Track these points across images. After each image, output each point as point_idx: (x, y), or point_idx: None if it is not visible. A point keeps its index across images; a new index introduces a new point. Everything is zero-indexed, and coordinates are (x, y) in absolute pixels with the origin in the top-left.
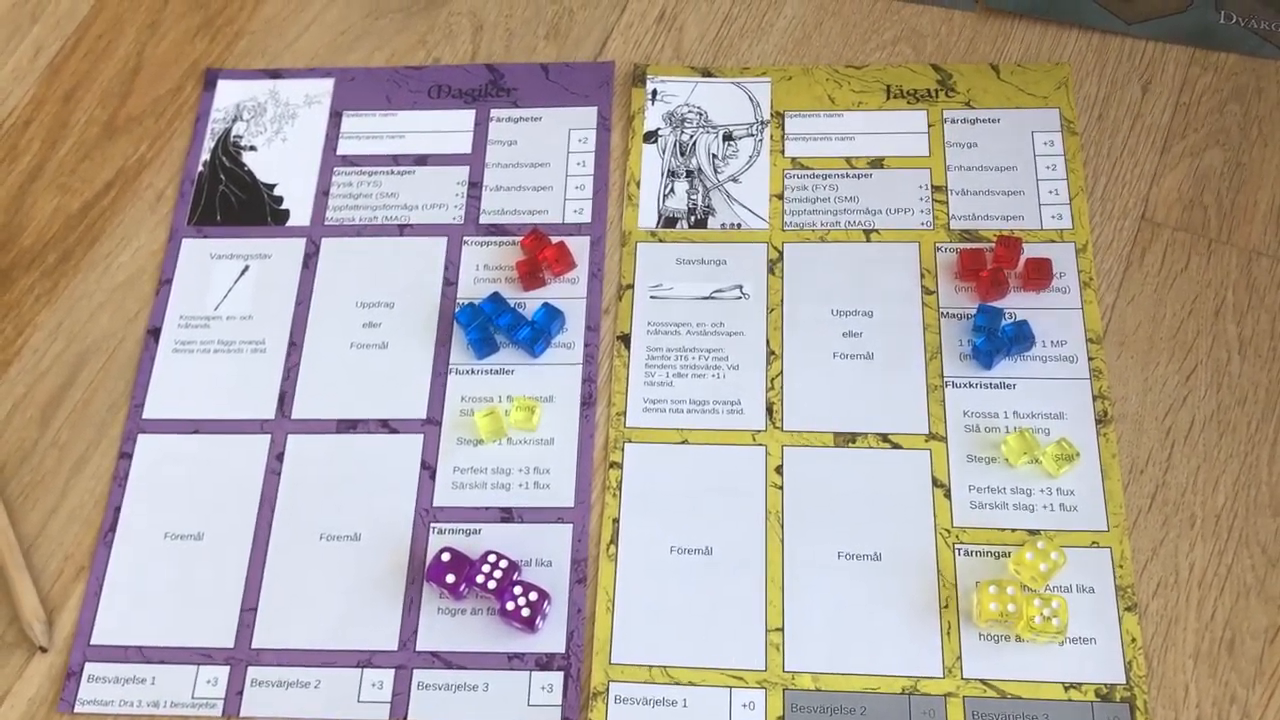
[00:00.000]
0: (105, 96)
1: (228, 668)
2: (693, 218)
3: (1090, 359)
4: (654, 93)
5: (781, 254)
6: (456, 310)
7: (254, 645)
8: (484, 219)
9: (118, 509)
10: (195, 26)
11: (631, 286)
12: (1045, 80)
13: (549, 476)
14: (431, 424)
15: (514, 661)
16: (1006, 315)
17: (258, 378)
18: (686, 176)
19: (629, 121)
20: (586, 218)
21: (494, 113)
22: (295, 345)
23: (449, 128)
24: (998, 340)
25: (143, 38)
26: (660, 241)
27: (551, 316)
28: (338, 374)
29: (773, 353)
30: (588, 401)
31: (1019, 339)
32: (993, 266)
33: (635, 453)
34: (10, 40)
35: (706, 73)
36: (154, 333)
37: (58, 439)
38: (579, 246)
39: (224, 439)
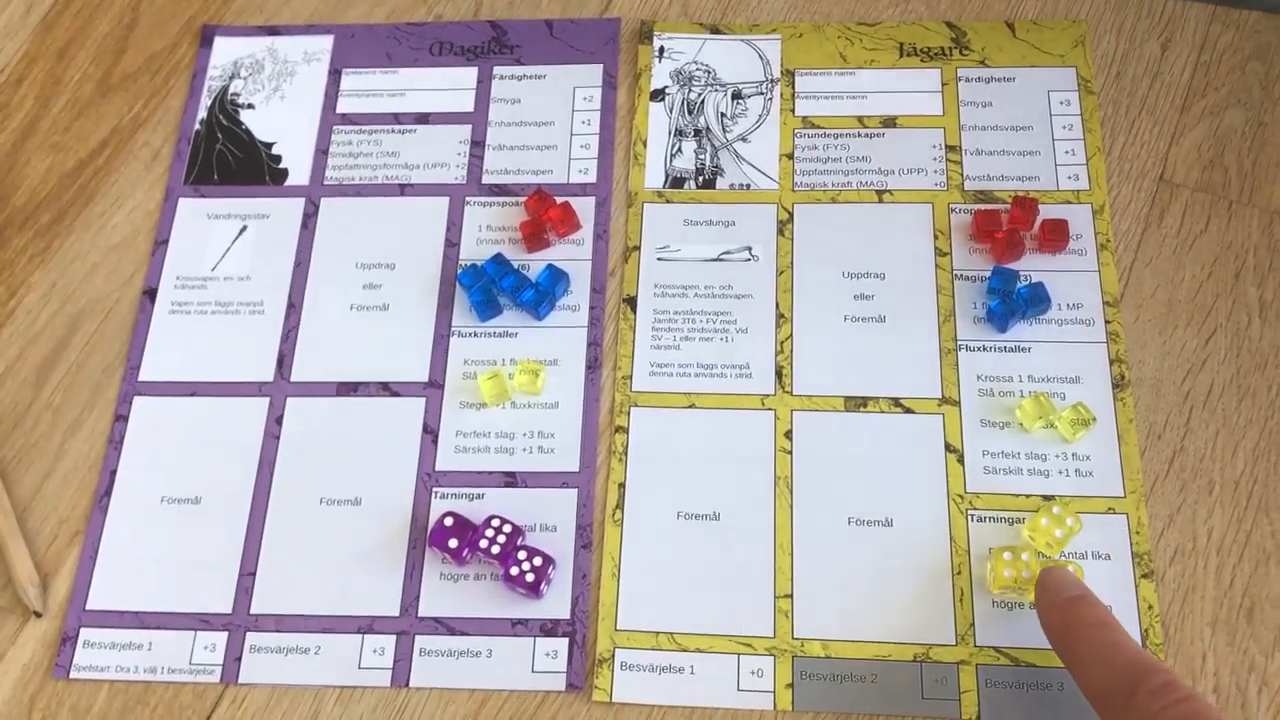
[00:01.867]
0: (99, 53)
1: (226, 633)
2: (700, 178)
3: (1107, 322)
4: (661, 50)
5: (792, 215)
6: (459, 272)
7: (253, 611)
8: (487, 179)
9: (113, 472)
10: None
11: (638, 248)
12: (1062, 38)
13: (553, 441)
14: (434, 387)
15: (518, 628)
16: (1022, 278)
17: (256, 340)
18: (694, 135)
19: (635, 79)
20: (592, 178)
21: (497, 70)
22: (294, 307)
23: (450, 85)
24: (1013, 303)
25: None
26: (667, 202)
27: (556, 278)
28: (338, 336)
29: (782, 315)
30: (593, 365)
31: (1034, 301)
32: (1008, 228)
33: (642, 417)
34: None
35: (715, 29)
36: (150, 294)
37: (52, 401)
38: (584, 207)
39: (221, 401)
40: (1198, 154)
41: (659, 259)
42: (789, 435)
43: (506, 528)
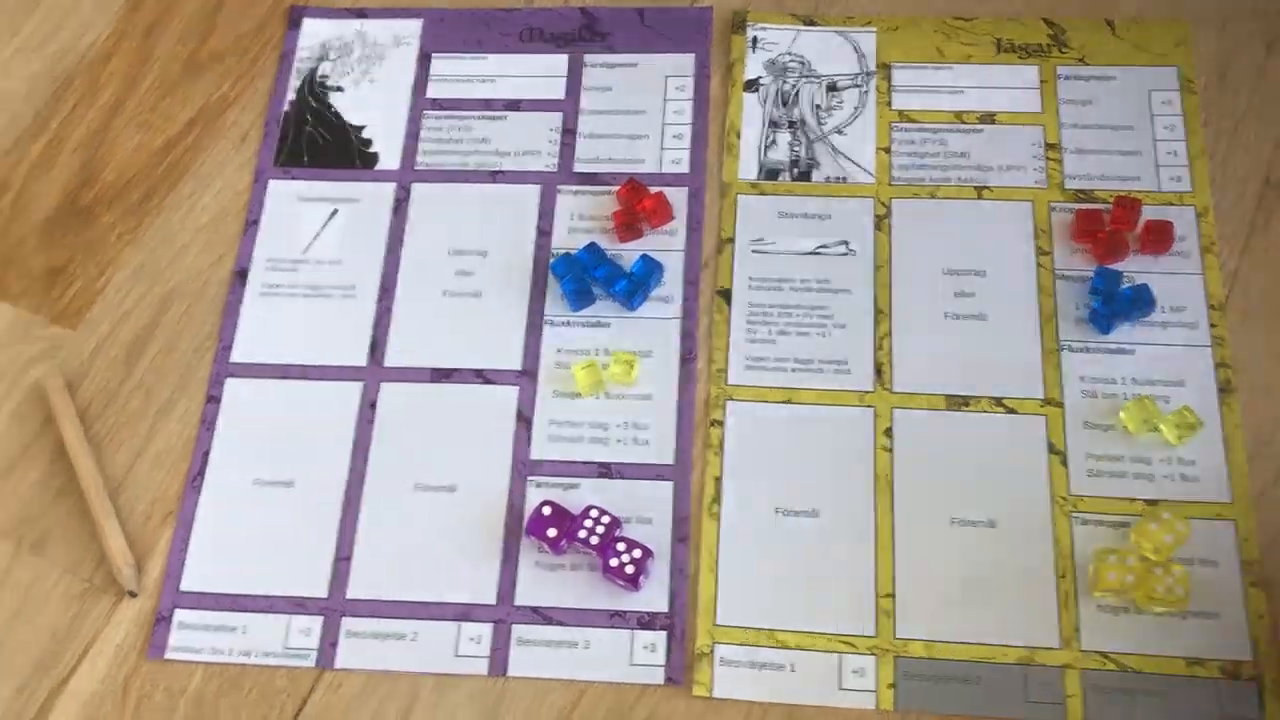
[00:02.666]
0: (186, 33)
1: (321, 618)
2: (795, 170)
3: (1212, 326)
4: (754, 40)
5: (889, 210)
6: (552, 260)
7: (348, 595)
8: (578, 167)
9: (206, 454)
10: None
11: (732, 240)
12: (1163, 37)
13: (648, 432)
14: (527, 375)
15: (615, 619)
16: (1124, 279)
17: (348, 324)
18: (789, 127)
19: (728, 69)
20: (684, 168)
21: (588, 58)
22: (386, 292)
23: (541, 73)
24: (1116, 304)
25: None
26: (762, 194)
27: (650, 269)
28: (431, 322)
29: (880, 311)
30: (687, 357)
31: (1138, 303)
32: (1111, 228)
33: (738, 411)
34: None
35: (809, 21)
36: (241, 275)
37: (144, 380)
38: (676, 198)
39: (314, 385)
40: None
41: (754, 252)
42: (889, 433)
43: (605, 518)
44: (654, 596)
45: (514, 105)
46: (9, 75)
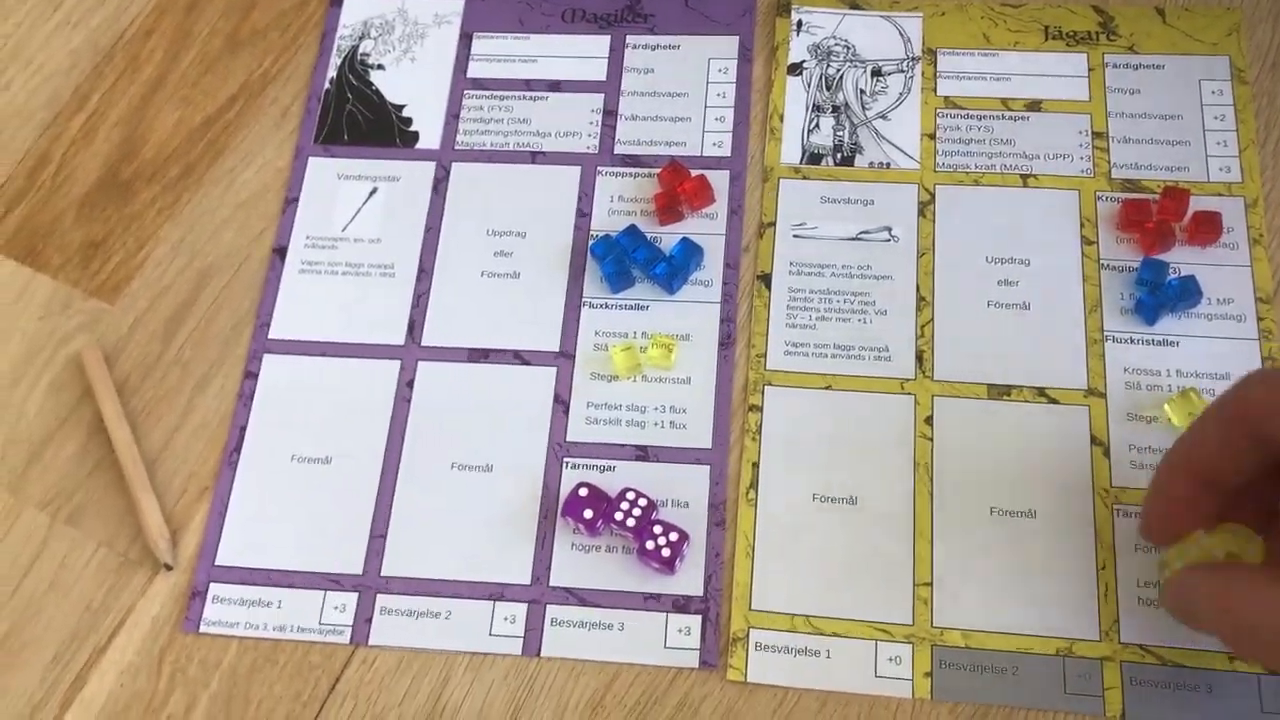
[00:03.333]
0: (228, 8)
1: (356, 594)
2: (839, 155)
3: (1260, 319)
4: (799, 23)
5: (933, 196)
6: (591, 243)
7: (383, 573)
8: (619, 149)
9: (243, 429)
10: None
11: (773, 224)
12: (1214, 26)
13: (685, 416)
14: (564, 357)
15: (649, 602)
16: (1171, 270)
17: (387, 303)
18: (832, 112)
19: (772, 52)
20: (726, 151)
21: (630, 39)
22: (425, 271)
23: (583, 53)
24: (1162, 295)
25: None
26: (804, 178)
27: (690, 253)
28: (469, 302)
29: (923, 299)
30: (726, 342)
31: (1184, 295)
32: (1158, 218)
33: (776, 396)
34: None
35: (854, 4)
36: (280, 252)
37: (181, 354)
38: (718, 181)
39: (352, 363)
40: None
41: (795, 236)
42: (930, 421)
43: (642, 501)
44: (689, 580)
45: (555, 86)
46: (50, 50)
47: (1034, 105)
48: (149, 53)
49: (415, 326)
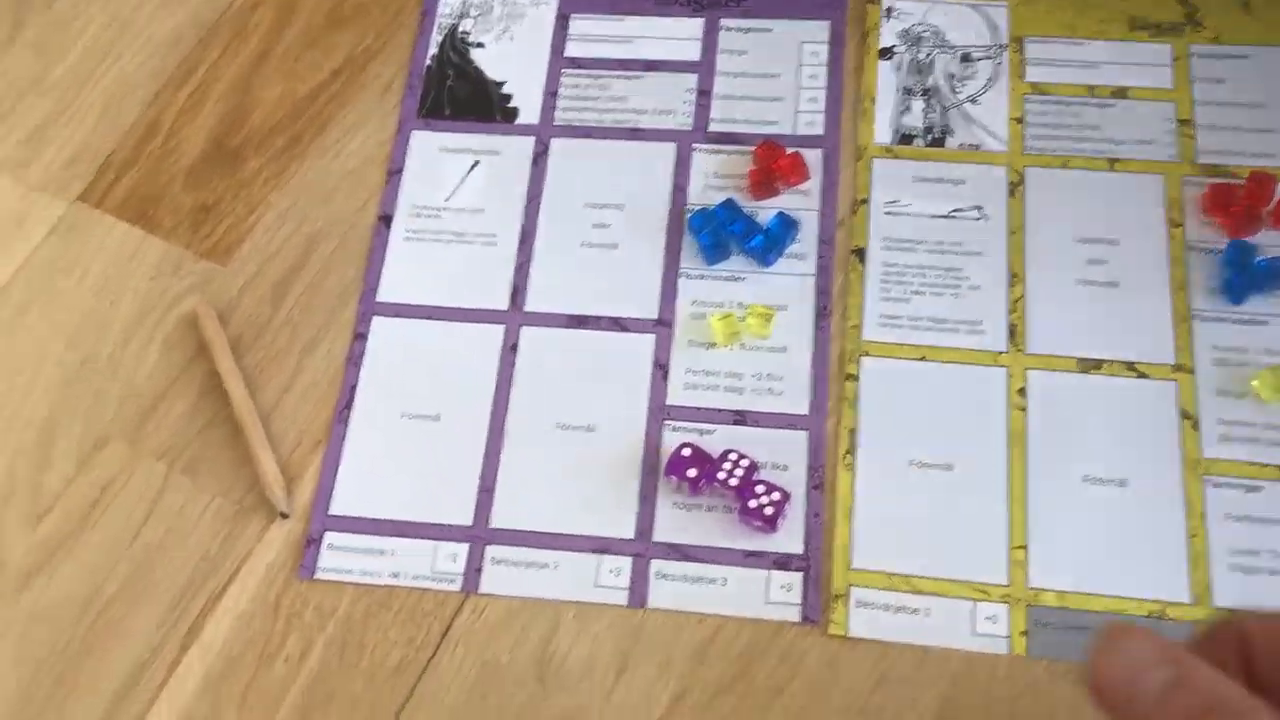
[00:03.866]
0: None
1: (467, 545)
2: (929, 136)
3: None
4: (889, 10)
5: (1022, 177)
6: (689, 215)
7: (492, 525)
8: (713, 127)
9: (353, 388)
10: None
11: (866, 201)
12: None
13: (782, 384)
14: (663, 325)
15: (750, 559)
16: (1258, 252)
17: (490, 270)
18: (923, 95)
19: (863, 37)
20: (819, 130)
21: (724, 22)
22: (526, 241)
23: (677, 35)
24: (1250, 275)
25: None
26: (896, 158)
27: (786, 226)
28: (569, 271)
29: (1015, 275)
30: (822, 313)
31: (1273, 275)
32: (1244, 203)
33: (872, 366)
34: None
35: None
36: (385, 220)
37: (292, 315)
38: (811, 159)
39: (458, 326)
40: None
41: (887, 213)
42: (1023, 393)
43: (744, 462)
44: (790, 539)
45: (650, 66)
46: (157, 22)
47: (1120, 93)
48: (253, 27)
49: (518, 293)
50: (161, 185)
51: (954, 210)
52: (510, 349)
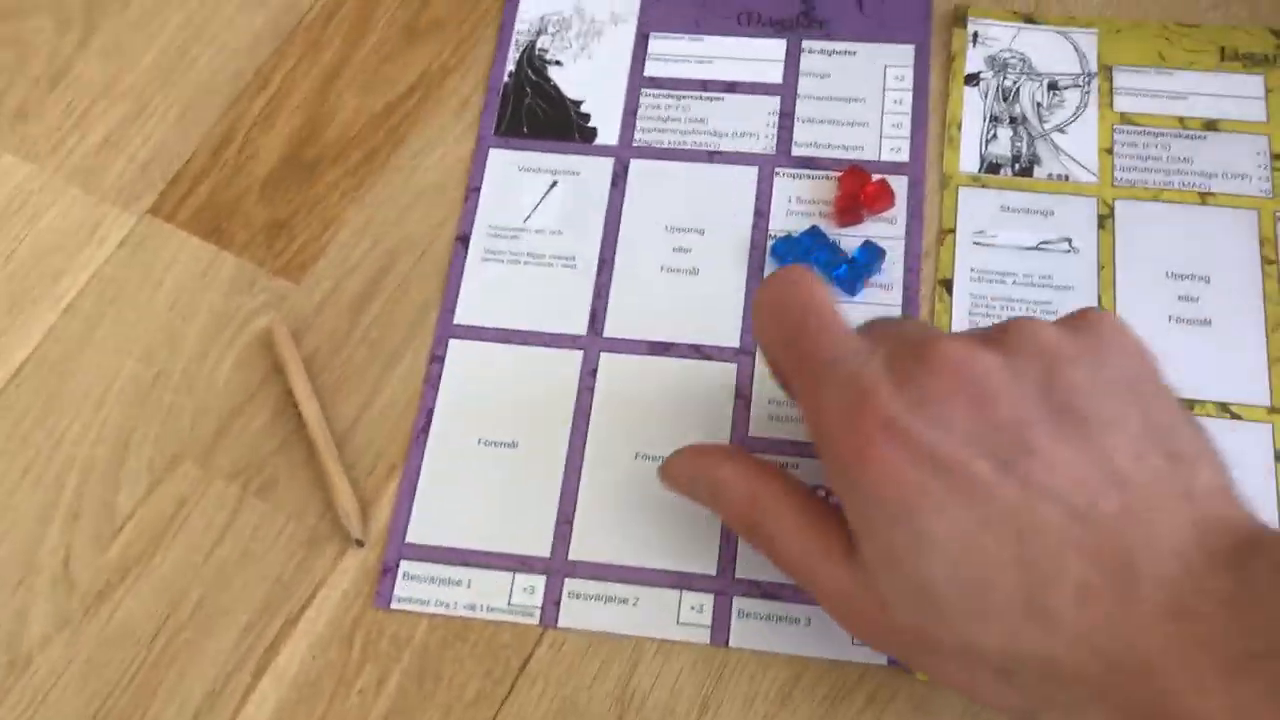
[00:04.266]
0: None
1: (545, 577)
2: (1017, 165)
3: None
4: (975, 35)
5: (1112, 210)
6: (772, 242)
7: (570, 557)
8: (796, 151)
9: (430, 411)
10: None
11: (953, 231)
12: None
13: None
14: (744, 354)
15: None
16: None
17: (569, 293)
18: (1010, 123)
19: (949, 62)
20: (904, 157)
21: (805, 44)
22: (605, 264)
23: (758, 56)
24: None
25: None
26: (983, 187)
27: (873, 256)
28: (649, 296)
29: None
30: None
31: None
32: None
33: None
34: None
35: (1030, 19)
36: (463, 240)
37: (368, 335)
38: (896, 186)
39: (536, 351)
40: None
41: (975, 244)
42: None
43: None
44: None
45: (731, 87)
46: (233, 30)
47: (1211, 125)
48: (328, 39)
49: (596, 318)
50: (235, 198)
51: (1043, 242)
52: (589, 375)
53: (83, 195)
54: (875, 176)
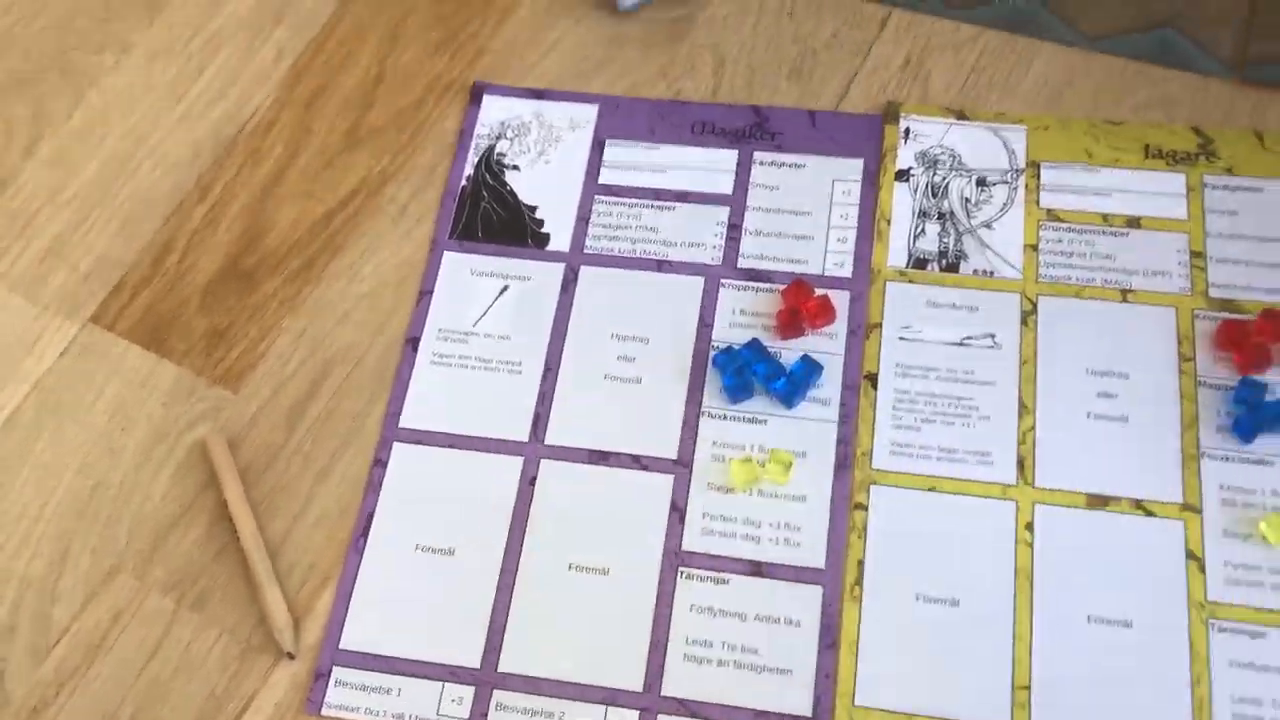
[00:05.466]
0: (346, 106)
1: (474, 688)
2: (944, 260)
3: None
4: (907, 131)
5: (1035, 306)
6: (714, 353)
7: (500, 669)
8: (743, 263)
9: (370, 515)
10: (436, 41)
11: (879, 325)
12: None
13: (800, 534)
14: (682, 465)
15: (760, 718)
16: (1269, 390)
17: (514, 399)
18: (938, 218)
19: (881, 159)
20: (847, 272)
21: (757, 155)
22: (550, 370)
23: (711, 166)
24: (1260, 414)
25: (384, 48)
26: (910, 282)
27: (810, 370)
28: (591, 404)
29: (1025, 406)
30: (843, 464)
31: None
32: (1256, 339)
33: (882, 496)
34: (254, 41)
35: (961, 114)
36: (413, 342)
37: (302, 446)
38: (839, 300)
39: (479, 456)
40: None
41: (900, 339)
42: (1030, 528)
43: None
44: (799, 699)
45: (683, 196)
46: (175, 141)
47: (1133, 222)
48: (269, 146)
49: (539, 423)
50: (175, 307)
51: (966, 338)
52: (529, 482)
53: (25, 305)
54: (818, 292)
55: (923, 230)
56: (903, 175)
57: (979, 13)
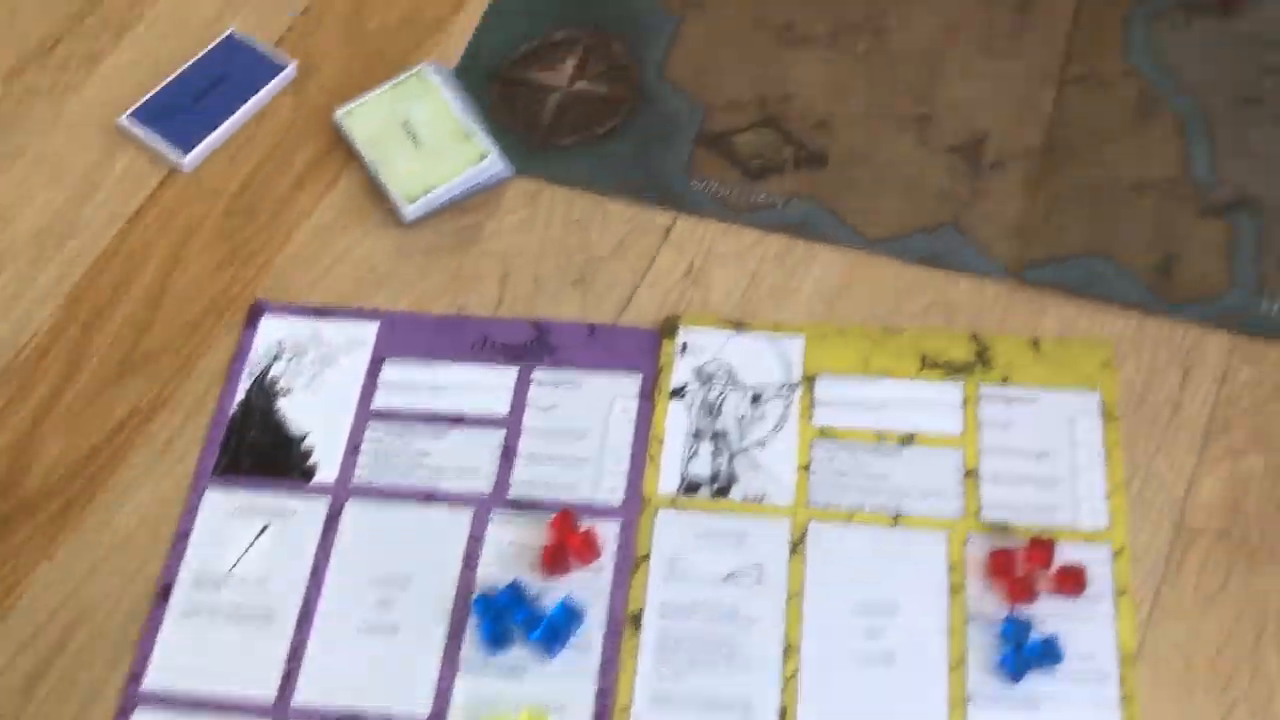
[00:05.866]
0: (123, 329)
1: None
2: (715, 484)
3: (1121, 682)
4: (684, 345)
5: (805, 534)
6: (474, 598)
7: None
8: (514, 491)
9: None
10: (220, 258)
11: (647, 558)
12: (1087, 358)
13: None
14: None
15: None
16: (1036, 627)
17: (264, 652)
18: (712, 438)
19: (655, 376)
20: (619, 498)
21: (535, 374)
22: (305, 619)
23: (489, 385)
24: (1026, 654)
25: (167, 266)
26: (680, 509)
27: (569, 618)
28: (345, 657)
29: (791, 646)
30: (601, 716)
31: (1046, 656)
32: (1025, 570)
33: None
34: (34, 265)
35: (740, 325)
36: (165, 591)
37: (40, 710)
38: (608, 530)
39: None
40: (1218, 498)
41: (668, 575)
42: None
43: None
44: None
45: (458, 420)
46: None
47: (908, 439)
48: (41, 375)
49: (290, 680)
50: None
51: (732, 573)
52: None
53: None
54: (584, 525)
55: (696, 452)
56: (678, 393)
57: (761, 215)
